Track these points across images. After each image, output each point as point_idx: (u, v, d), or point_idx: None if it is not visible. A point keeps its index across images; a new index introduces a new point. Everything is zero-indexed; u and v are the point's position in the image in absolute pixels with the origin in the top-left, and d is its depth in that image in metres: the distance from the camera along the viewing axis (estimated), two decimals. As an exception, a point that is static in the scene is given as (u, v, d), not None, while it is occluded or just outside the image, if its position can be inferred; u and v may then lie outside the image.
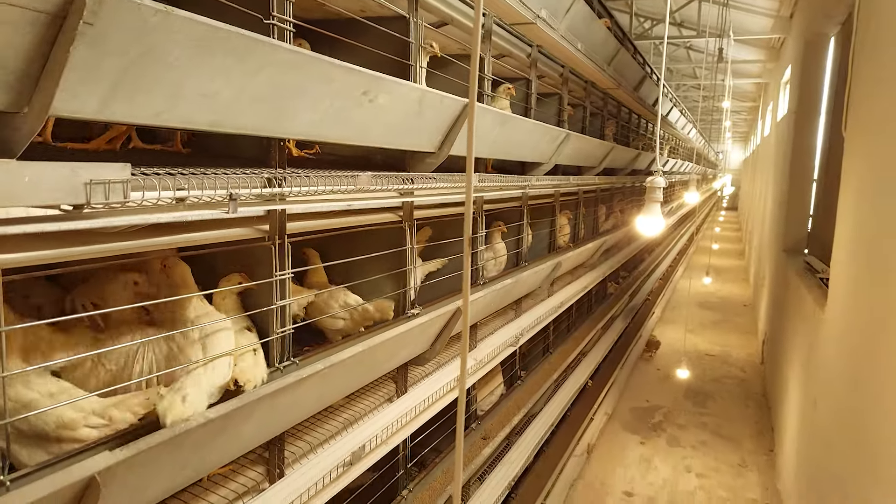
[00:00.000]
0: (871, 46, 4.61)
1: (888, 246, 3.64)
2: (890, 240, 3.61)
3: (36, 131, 1.27)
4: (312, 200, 2.22)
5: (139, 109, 1.48)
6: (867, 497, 3.42)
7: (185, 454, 1.69)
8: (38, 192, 1.25)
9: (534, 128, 4.24)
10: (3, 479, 1.39)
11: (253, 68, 1.70)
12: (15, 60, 1.19)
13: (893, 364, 3.22)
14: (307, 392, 2.18)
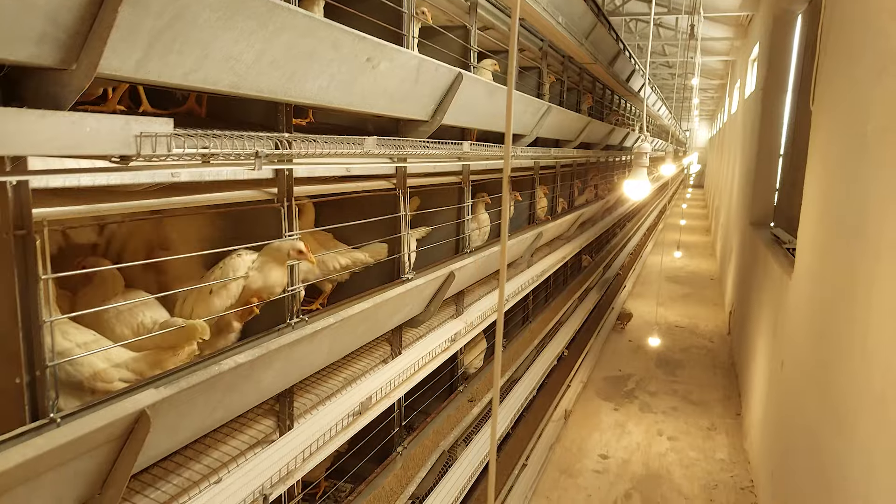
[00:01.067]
0: (839, 23, 4.81)
1: (851, 212, 3.88)
2: (853, 206, 3.85)
3: (83, 88, 1.34)
4: (320, 163, 2.31)
5: (170, 69, 1.55)
6: (833, 443, 3.69)
7: (216, 396, 1.80)
8: (97, 142, 1.33)
9: (519, 98, 4.36)
10: (54, 416, 1.48)
11: (272, 32, 1.77)
12: (67, 18, 1.25)
13: (856, 316, 3.47)
14: (319, 345, 2.29)
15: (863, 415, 3.23)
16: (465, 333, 3.94)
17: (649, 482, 7.19)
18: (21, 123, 1.22)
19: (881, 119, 3.42)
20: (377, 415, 2.92)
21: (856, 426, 3.33)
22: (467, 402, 4.58)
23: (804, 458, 4.55)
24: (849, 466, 3.39)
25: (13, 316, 1.44)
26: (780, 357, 6.16)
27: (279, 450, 2.35)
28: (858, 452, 3.27)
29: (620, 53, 8.98)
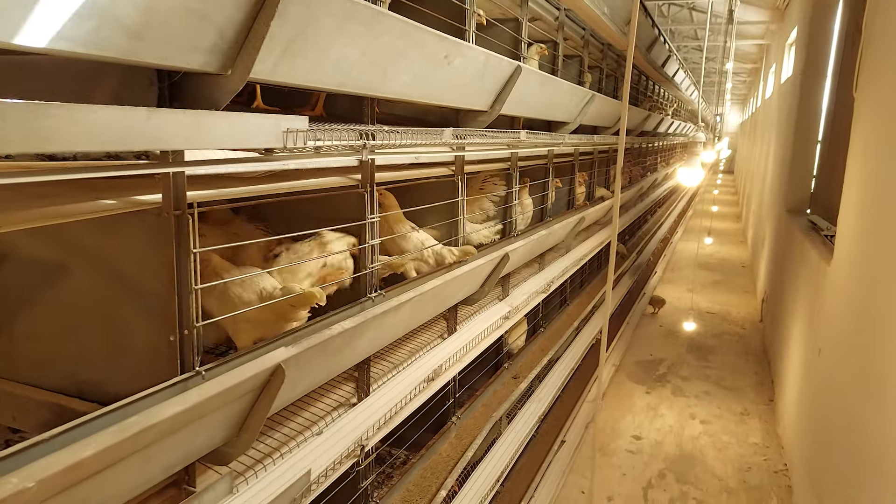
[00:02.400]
0: (885, 9, 4.86)
1: (892, 201, 3.98)
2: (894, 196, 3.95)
3: (236, 91, 1.57)
4: (401, 152, 2.53)
5: (294, 71, 1.78)
6: (873, 422, 3.84)
7: (325, 357, 2.04)
8: (257, 136, 1.56)
9: (568, 88, 4.52)
10: (199, 370, 1.74)
11: (375, 35, 1.99)
12: (230, 31, 1.48)
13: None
14: (402, 316, 2.53)
15: (903, 393, 3.38)
16: (514, 313, 4.16)
17: (682, 463, 7.36)
18: (210, 121, 1.46)
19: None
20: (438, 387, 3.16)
21: (893, 399, 3.48)
22: (512, 379, 4.81)
23: (842, 439, 4.69)
24: (890, 440, 3.55)
25: (171, 283, 1.70)
26: (817, 342, 6.26)
27: (361, 412, 2.60)
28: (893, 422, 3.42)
29: (657, 40, 9.03)
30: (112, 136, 1.23)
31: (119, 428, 1.32)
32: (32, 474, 1.13)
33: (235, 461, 1.94)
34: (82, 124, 1.16)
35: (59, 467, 1.17)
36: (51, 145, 1.12)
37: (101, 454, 1.25)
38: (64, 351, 1.94)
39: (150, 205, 1.68)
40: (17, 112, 1.07)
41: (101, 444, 1.26)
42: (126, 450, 1.32)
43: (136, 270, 1.78)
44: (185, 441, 1.66)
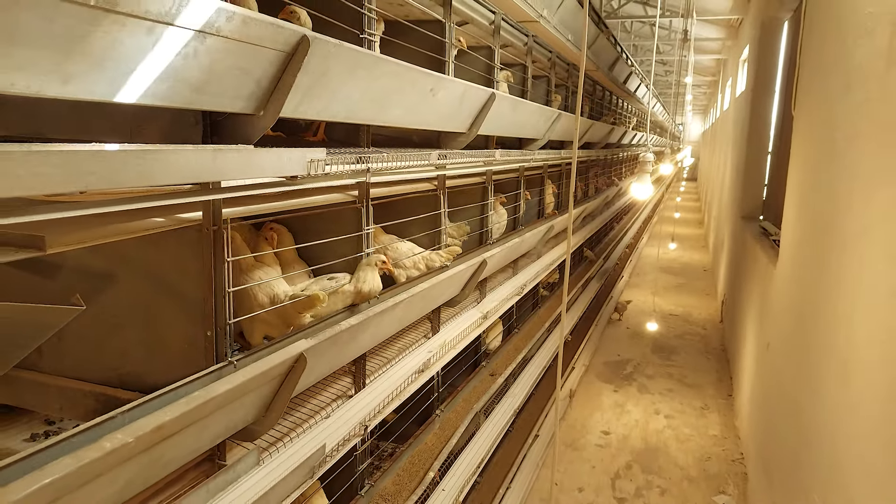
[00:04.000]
0: (816, 39, 5.41)
1: (824, 209, 4.50)
2: (825, 204, 4.46)
3: (266, 129, 1.93)
4: (395, 171, 2.90)
5: (311, 108, 2.14)
6: (808, 405, 4.33)
7: (335, 349, 2.39)
8: (290, 166, 1.92)
9: (536, 109, 4.96)
10: (231, 360, 2.07)
11: (375, 77, 2.36)
12: (265, 81, 1.84)
13: (828, 298, 4.09)
14: (395, 315, 2.89)
15: (830, 377, 3.86)
16: (492, 314, 4.55)
17: (648, 455, 7.83)
18: (258, 157, 1.82)
19: (847, 130, 4.03)
20: (426, 378, 3.52)
21: (826, 387, 3.96)
22: (489, 376, 5.20)
23: (785, 424, 5.18)
24: (821, 422, 4.02)
25: (209, 286, 2.04)
26: (765, 339, 6.79)
27: (370, 394, 2.96)
28: (827, 409, 3.90)
29: (619, 58, 9.58)
30: (190, 172, 1.57)
31: (187, 400, 1.65)
32: (133, 431, 1.46)
33: (259, 438, 2.27)
34: (172, 163, 1.50)
35: (149, 428, 1.50)
36: (152, 181, 1.46)
37: (177, 419, 1.58)
38: (109, 347, 2.25)
39: (191, 222, 2.02)
40: (130, 155, 1.40)
41: (177, 412, 1.59)
42: (191, 418, 1.65)
43: (176, 276, 2.10)
44: (231, 412, 1.99)
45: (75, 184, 1.28)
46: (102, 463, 1.34)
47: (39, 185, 1.20)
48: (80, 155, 1.28)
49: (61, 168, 1.23)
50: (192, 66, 1.57)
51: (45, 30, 1.20)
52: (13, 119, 1.99)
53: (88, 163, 1.29)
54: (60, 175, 1.23)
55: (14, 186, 1.15)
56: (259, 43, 1.73)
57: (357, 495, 3.16)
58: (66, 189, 1.25)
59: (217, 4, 1.52)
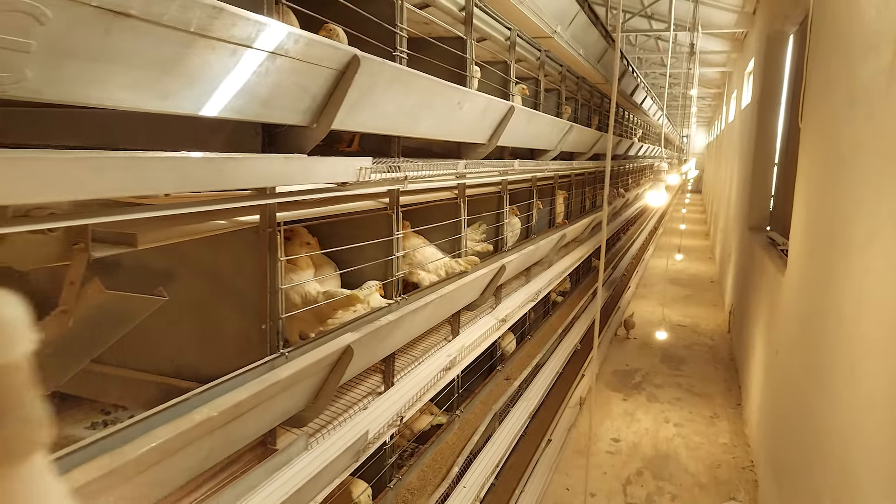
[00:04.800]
0: (822, 53, 5.60)
1: (830, 219, 4.66)
2: (831, 214, 4.63)
3: (319, 140, 2.12)
4: (423, 179, 3.09)
5: (356, 121, 2.33)
6: (817, 405, 4.47)
7: (375, 343, 2.56)
8: (343, 173, 2.10)
9: (549, 121, 5.15)
10: (284, 352, 2.25)
11: (409, 91, 2.56)
12: (319, 97, 2.03)
13: (835, 304, 4.25)
14: (425, 314, 3.06)
15: (838, 380, 4.01)
16: (510, 317, 4.72)
17: (658, 462, 7.94)
18: (318, 165, 2.01)
19: (851, 140, 4.20)
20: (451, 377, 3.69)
21: (834, 390, 4.11)
22: (504, 380, 5.36)
23: (795, 426, 5.31)
24: (830, 424, 4.16)
25: (263, 284, 2.22)
26: (774, 347, 6.93)
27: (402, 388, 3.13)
28: (835, 411, 4.04)
29: (626, 71, 9.80)
30: (266, 176, 1.76)
31: (258, 381, 1.82)
32: (217, 406, 1.63)
33: (306, 426, 2.44)
34: (251, 169, 1.68)
35: (229, 404, 1.67)
36: (233, 183, 1.64)
37: (250, 398, 1.75)
38: (167, 341, 2.43)
39: (249, 224, 2.21)
40: (219, 162, 1.59)
41: (251, 391, 1.76)
42: (259, 398, 1.82)
43: (233, 275, 2.29)
44: (288, 396, 2.17)
45: (178, 185, 1.46)
46: (193, 432, 1.51)
47: (154, 185, 1.39)
48: (186, 161, 1.47)
49: (171, 172, 1.42)
50: (263, 84, 1.76)
51: (153, 54, 1.40)
52: (91, 131, 2.19)
53: (191, 167, 1.48)
54: (173, 178, 1.41)
55: (138, 187, 1.33)
56: (318, 62, 1.92)
57: (386, 488, 3.32)
58: (173, 189, 1.44)
59: (288, 29, 1.71)
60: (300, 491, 2.05)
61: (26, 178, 1.11)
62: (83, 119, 2.14)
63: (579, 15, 5.56)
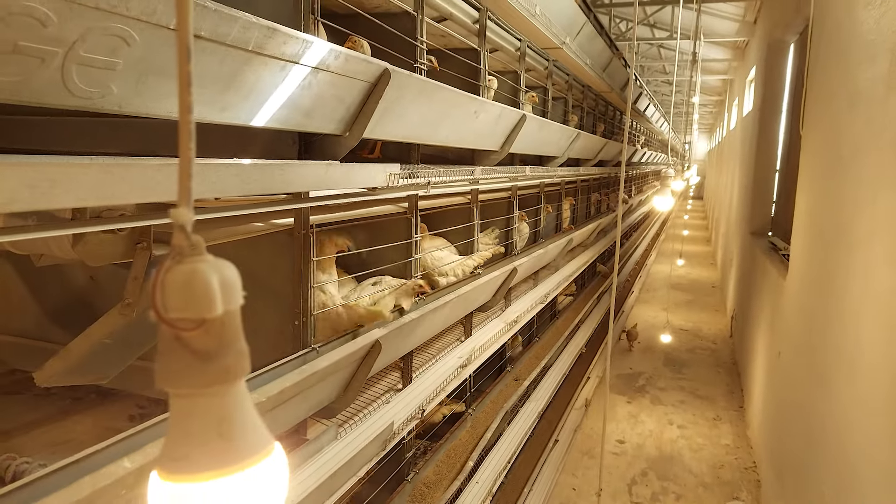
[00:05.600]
0: (822, 61, 5.75)
1: (831, 222, 4.80)
2: (832, 217, 4.77)
3: (351, 147, 2.27)
4: (443, 185, 3.25)
5: (383, 130, 2.48)
6: (818, 404, 4.60)
7: (400, 339, 2.71)
8: (375, 178, 2.26)
9: (558, 129, 5.31)
10: (314, 347, 2.40)
11: (432, 102, 2.71)
12: (353, 108, 2.19)
13: (835, 305, 4.39)
14: (443, 313, 3.21)
15: (839, 377, 4.14)
16: (522, 318, 4.87)
17: (662, 463, 8.05)
18: (355, 171, 2.16)
19: (851, 145, 4.35)
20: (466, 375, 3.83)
21: (834, 387, 4.24)
22: (513, 381, 5.49)
23: (797, 426, 5.44)
24: (830, 421, 4.29)
25: (297, 282, 2.37)
26: (776, 349, 7.05)
27: (419, 386, 3.27)
28: (836, 408, 4.17)
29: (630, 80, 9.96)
30: (311, 182, 1.91)
31: (299, 371, 1.97)
32: (265, 392, 1.78)
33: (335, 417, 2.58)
34: (299, 174, 1.83)
35: (276, 391, 1.82)
36: (282, 188, 1.79)
37: (293, 386, 1.89)
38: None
39: (284, 227, 2.36)
40: (270, 168, 1.74)
41: (294, 380, 1.90)
42: (301, 387, 1.96)
43: (268, 274, 2.43)
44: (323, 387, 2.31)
45: (240, 189, 1.61)
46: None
47: (220, 189, 1.54)
48: (247, 168, 1.62)
49: (235, 177, 1.57)
50: (306, 96, 1.92)
51: (217, 71, 1.55)
52: (131, 138, 2.34)
53: (250, 173, 1.63)
54: (235, 182, 1.56)
55: (207, 190, 1.49)
56: (353, 76, 2.07)
57: (404, 480, 3.46)
58: (236, 193, 1.59)
59: (330, 46, 1.87)
60: (333, 476, 2.19)
61: (118, 182, 1.26)
62: (130, 128, 2.30)
63: (586, 25, 5.73)
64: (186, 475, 0.62)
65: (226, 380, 0.63)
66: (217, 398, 0.63)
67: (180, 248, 0.63)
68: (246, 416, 0.66)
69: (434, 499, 3.51)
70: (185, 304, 0.62)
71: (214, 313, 0.63)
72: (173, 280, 0.62)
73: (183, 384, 0.62)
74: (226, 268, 0.65)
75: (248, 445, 0.64)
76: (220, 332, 0.63)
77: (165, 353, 0.63)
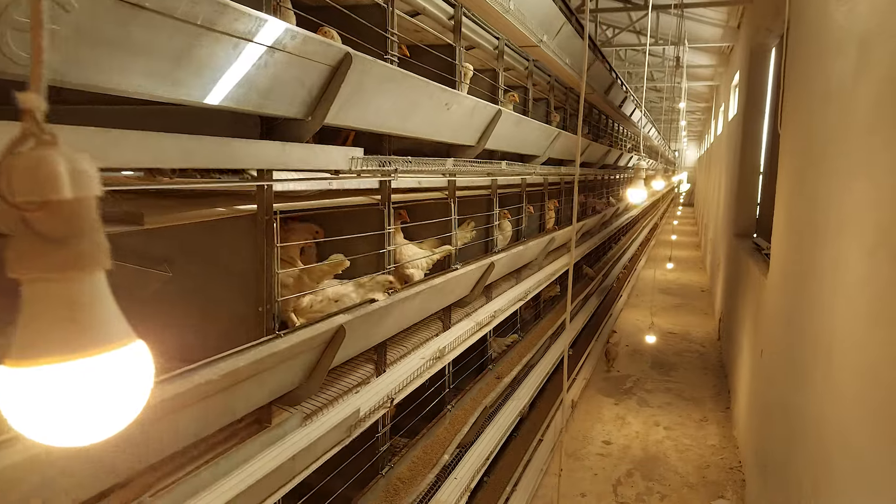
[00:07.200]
0: (799, 59, 5.82)
1: (806, 216, 4.84)
2: (807, 211, 4.81)
3: (314, 132, 2.27)
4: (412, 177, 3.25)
5: (347, 117, 2.49)
6: (800, 401, 4.61)
7: (367, 326, 2.69)
8: (336, 161, 2.25)
9: (537, 127, 5.33)
10: (279, 333, 2.38)
11: (400, 90, 2.72)
12: (314, 91, 2.19)
13: (812, 298, 4.41)
14: (415, 303, 3.20)
15: (816, 368, 4.16)
16: (498, 315, 4.86)
17: (648, 463, 8.05)
18: (315, 151, 2.16)
19: (824, 139, 4.39)
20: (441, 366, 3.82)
21: (811, 378, 4.26)
22: (495, 379, 5.48)
23: (778, 421, 5.45)
24: (807, 413, 4.31)
25: (261, 268, 2.36)
26: (759, 347, 7.08)
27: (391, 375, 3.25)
28: (813, 398, 4.19)
29: (614, 83, 10.04)
30: (266, 159, 1.91)
31: (255, 352, 1.95)
32: (218, 370, 1.76)
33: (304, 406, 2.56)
34: (254, 152, 1.83)
35: (229, 369, 1.80)
36: (235, 163, 1.79)
37: (247, 367, 1.88)
38: (168, 325, 2.56)
39: (247, 212, 2.35)
40: (213, 143, 1.74)
41: (248, 360, 1.89)
42: (256, 368, 1.95)
43: (231, 261, 2.42)
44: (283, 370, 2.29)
45: (185, 160, 1.61)
46: (198, 390, 1.64)
47: (163, 159, 1.53)
48: (193, 140, 1.62)
49: (180, 149, 1.56)
50: (262, 76, 1.92)
51: (166, 44, 1.55)
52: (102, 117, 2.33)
53: (198, 146, 1.63)
54: (180, 154, 1.56)
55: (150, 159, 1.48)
56: (312, 58, 2.08)
57: (378, 475, 3.43)
58: (179, 163, 1.59)
59: (285, 25, 1.87)
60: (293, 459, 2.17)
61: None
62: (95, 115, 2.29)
63: (565, 26, 5.76)
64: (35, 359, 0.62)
65: (80, 266, 0.64)
66: (70, 284, 0.64)
67: (30, 133, 0.63)
68: (104, 307, 0.66)
69: (408, 494, 3.48)
70: (30, 186, 0.63)
71: (59, 195, 0.63)
72: (20, 164, 0.62)
73: (32, 267, 0.63)
74: (79, 158, 0.65)
75: (103, 333, 0.65)
76: (69, 216, 0.64)
77: (15, 238, 0.63)
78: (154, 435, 1.70)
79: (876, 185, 3.18)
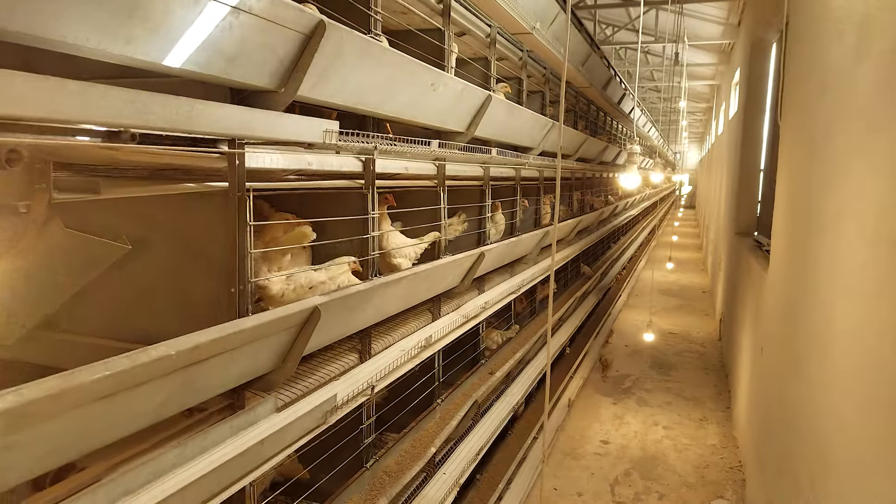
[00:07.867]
0: (797, 48, 5.73)
1: (803, 208, 4.74)
2: (807, 202, 4.71)
3: (287, 104, 2.18)
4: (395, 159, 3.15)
5: (324, 91, 2.39)
6: (797, 394, 4.51)
7: (345, 311, 2.60)
8: (308, 133, 2.16)
9: (530, 116, 5.24)
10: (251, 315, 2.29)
11: (380, 66, 2.63)
12: (286, 60, 2.10)
13: (810, 290, 4.31)
14: (399, 290, 3.10)
15: (812, 361, 4.06)
16: (488, 307, 4.76)
17: (647, 463, 7.93)
18: (281, 120, 2.07)
19: (823, 127, 4.29)
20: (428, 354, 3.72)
21: (808, 372, 4.15)
22: (488, 374, 5.38)
23: (777, 416, 5.34)
24: (805, 406, 4.20)
25: (233, 248, 2.27)
26: (759, 344, 6.97)
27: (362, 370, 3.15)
28: (810, 391, 4.09)
29: (612, 79, 9.95)
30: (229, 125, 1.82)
31: (219, 329, 1.86)
32: (174, 346, 1.67)
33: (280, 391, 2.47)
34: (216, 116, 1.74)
35: (188, 346, 1.71)
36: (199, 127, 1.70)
37: (209, 344, 1.79)
38: (139, 308, 2.46)
39: (218, 188, 2.25)
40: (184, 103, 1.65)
41: (210, 337, 1.80)
42: (221, 346, 1.86)
43: (203, 240, 2.33)
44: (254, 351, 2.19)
45: (137, 119, 1.51)
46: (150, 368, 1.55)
47: (112, 115, 1.44)
48: (147, 97, 1.53)
49: (131, 105, 1.47)
50: (227, 39, 1.83)
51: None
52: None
53: (152, 104, 1.54)
54: (130, 110, 1.47)
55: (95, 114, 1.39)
56: (283, 24, 1.99)
57: (363, 468, 3.33)
58: (130, 122, 1.49)
59: (250, -16, 1.78)
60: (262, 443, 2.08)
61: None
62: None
63: (560, 15, 5.68)
64: None
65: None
66: None
67: None
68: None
69: (395, 487, 3.38)
70: None
71: None
72: None
73: None
74: None
75: None
76: None
77: None
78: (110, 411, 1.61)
79: (874, 169, 3.09)
